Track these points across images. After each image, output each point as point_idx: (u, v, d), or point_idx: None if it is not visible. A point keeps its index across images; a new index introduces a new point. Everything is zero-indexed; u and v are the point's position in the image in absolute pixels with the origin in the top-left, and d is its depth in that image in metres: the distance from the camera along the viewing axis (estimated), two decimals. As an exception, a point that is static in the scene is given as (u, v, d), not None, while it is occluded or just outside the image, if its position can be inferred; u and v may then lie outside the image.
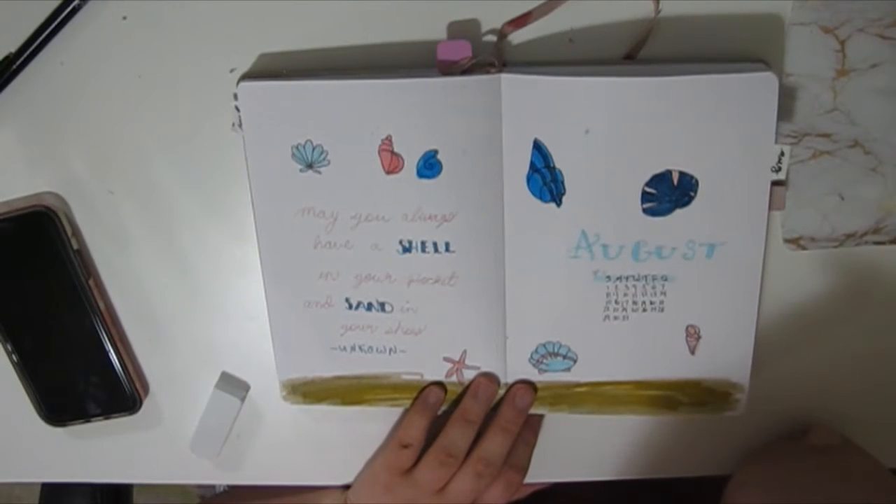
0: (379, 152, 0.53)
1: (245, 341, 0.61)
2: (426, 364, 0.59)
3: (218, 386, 0.62)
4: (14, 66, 0.54)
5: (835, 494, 0.52)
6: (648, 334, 0.57)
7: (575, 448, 0.62)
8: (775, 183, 0.53)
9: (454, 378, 0.59)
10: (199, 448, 0.63)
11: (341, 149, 0.53)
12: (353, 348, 0.59)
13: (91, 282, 0.58)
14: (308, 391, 0.61)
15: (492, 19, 0.52)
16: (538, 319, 0.57)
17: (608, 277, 0.55)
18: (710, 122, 0.51)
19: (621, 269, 0.55)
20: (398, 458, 0.59)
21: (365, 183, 0.54)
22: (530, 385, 0.59)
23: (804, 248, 0.56)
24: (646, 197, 0.53)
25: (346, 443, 0.63)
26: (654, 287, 0.55)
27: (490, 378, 0.59)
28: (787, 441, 0.60)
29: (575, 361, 0.58)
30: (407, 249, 0.55)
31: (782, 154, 0.52)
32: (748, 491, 0.56)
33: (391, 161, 0.53)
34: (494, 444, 0.58)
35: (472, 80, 0.51)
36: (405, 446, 0.59)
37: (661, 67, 0.51)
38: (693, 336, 0.57)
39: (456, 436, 0.58)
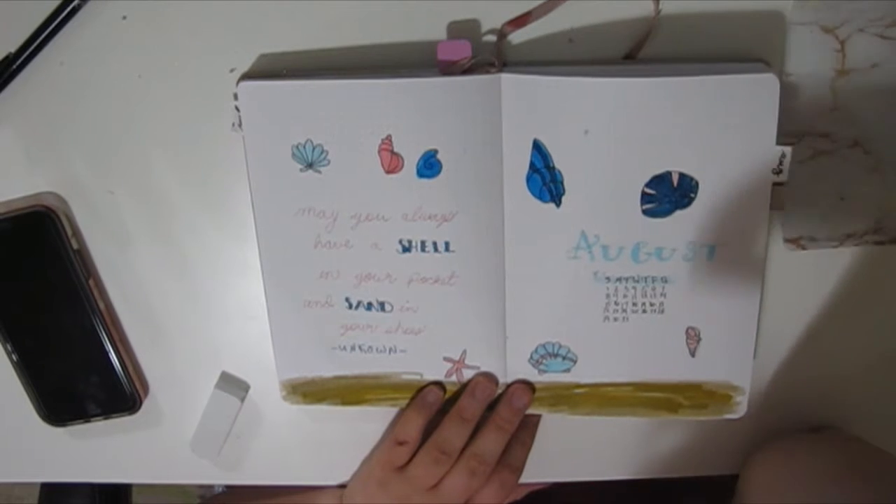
0: (379, 152, 0.53)
1: (245, 341, 0.61)
2: (426, 364, 0.59)
3: (218, 386, 0.62)
4: (14, 66, 0.54)
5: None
6: (648, 336, 0.57)
7: (574, 448, 0.62)
8: (776, 184, 0.53)
9: (454, 378, 0.59)
10: (199, 448, 0.63)
11: (341, 149, 0.53)
12: (352, 348, 0.59)
13: (91, 282, 0.58)
14: (308, 391, 0.61)
15: (492, 19, 0.52)
16: (538, 320, 0.57)
17: (608, 278, 0.55)
18: (710, 123, 0.51)
19: (621, 271, 0.55)
20: (393, 455, 0.59)
21: (365, 183, 0.54)
22: (528, 385, 0.59)
23: (804, 248, 0.56)
24: (646, 198, 0.53)
25: (346, 443, 0.63)
26: (653, 288, 0.55)
27: (488, 377, 0.59)
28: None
29: (575, 362, 0.58)
30: (407, 249, 0.55)
31: (783, 156, 0.51)
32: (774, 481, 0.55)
33: (391, 161, 0.53)
34: (489, 441, 0.58)
35: (472, 80, 0.51)
36: (401, 443, 0.59)
37: (661, 67, 0.51)
38: (693, 338, 0.57)
39: (451, 433, 0.58)
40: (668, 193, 0.53)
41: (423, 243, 0.55)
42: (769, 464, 0.57)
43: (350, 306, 0.58)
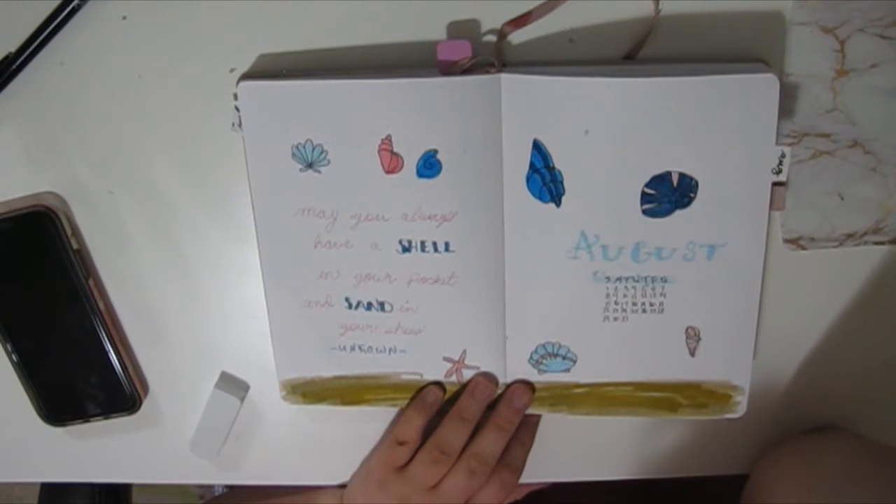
0: (379, 152, 0.53)
1: (245, 341, 0.61)
2: (426, 364, 0.59)
3: (218, 386, 0.62)
4: (14, 66, 0.54)
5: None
6: (648, 335, 0.57)
7: (574, 448, 0.62)
8: (775, 184, 0.53)
9: (454, 378, 0.59)
10: (198, 448, 0.63)
11: (341, 148, 0.53)
12: (352, 348, 0.59)
13: (91, 282, 0.58)
14: (308, 391, 0.61)
15: (492, 19, 0.52)
16: (538, 320, 0.57)
17: (608, 278, 0.55)
18: (710, 123, 0.51)
19: (621, 270, 0.55)
20: (393, 455, 0.59)
21: (365, 183, 0.54)
22: (528, 385, 0.59)
23: (804, 248, 0.56)
24: (645, 198, 0.53)
25: (346, 443, 0.63)
26: (653, 288, 0.55)
27: (488, 377, 0.59)
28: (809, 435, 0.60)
29: (574, 362, 0.58)
30: (407, 249, 0.55)
31: (783, 156, 0.52)
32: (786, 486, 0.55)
33: (391, 161, 0.53)
34: (489, 441, 0.58)
35: (472, 80, 0.51)
36: (401, 443, 0.59)
37: (661, 67, 0.51)
38: (693, 337, 0.57)
39: (450, 433, 0.58)
40: (668, 193, 0.53)
41: (423, 243, 0.55)
42: (782, 463, 0.57)
43: (350, 306, 0.58)
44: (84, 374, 0.60)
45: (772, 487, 0.56)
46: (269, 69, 0.54)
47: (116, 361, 0.60)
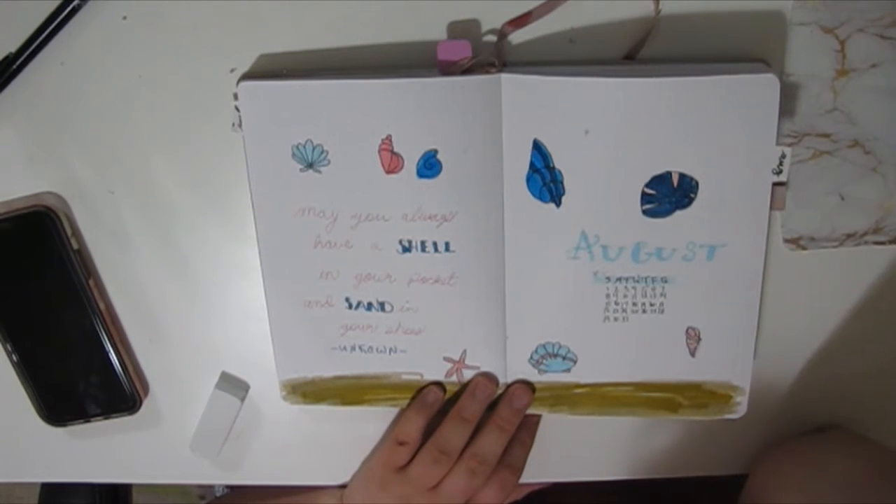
0: (379, 152, 0.53)
1: (245, 341, 0.61)
2: (426, 364, 0.59)
3: (218, 386, 0.62)
4: (14, 66, 0.54)
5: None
6: (648, 336, 0.57)
7: (575, 448, 0.62)
8: (776, 184, 0.53)
9: (454, 378, 0.59)
10: (199, 448, 0.63)
11: (341, 148, 0.53)
12: (353, 348, 0.59)
13: (91, 282, 0.58)
14: (308, 391, 0.61)
15: (492, 19, 0.52)
16: (538, 320, 0.57)
17: (608, 278, 0.55)
18: (710, 123, 0.51)
19: (621, 271, 0.55)
20: (393, 455, 0.59)
21: (365, 183, 0.54)
22: (528, 385, 0.59)
23: (804, 248, 0.56)
24: (646, 198, 0.53)
25: (346, 443, 0.63)
26: (653, 289, 0.55)
27: (488, 377, 0.59)
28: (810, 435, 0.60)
29: (575, 362, 0.58)
30: (407, 249, 0.55)
31: (783, 156, 0.52)
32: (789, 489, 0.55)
33: (391, 161, 0.53)
34: (489, 441, 0.58)
35: (472, 80, 0.51)
36: (401, 443, 0.59)
37: (661, 68, 0.51)
38: (693, 338, 0.57)
39: (451, 434, 0.58)
40: (668, 193, 0.53)
41: (423, 243, 0.55)
42: (784, 467, 0.57)
43: (350, 306, 0.58)
44: (84, 374, 0.60)
45: (773, 490, 0.56)
46: (269, 69, 0.54)
47: (116, 361, 0.60)
